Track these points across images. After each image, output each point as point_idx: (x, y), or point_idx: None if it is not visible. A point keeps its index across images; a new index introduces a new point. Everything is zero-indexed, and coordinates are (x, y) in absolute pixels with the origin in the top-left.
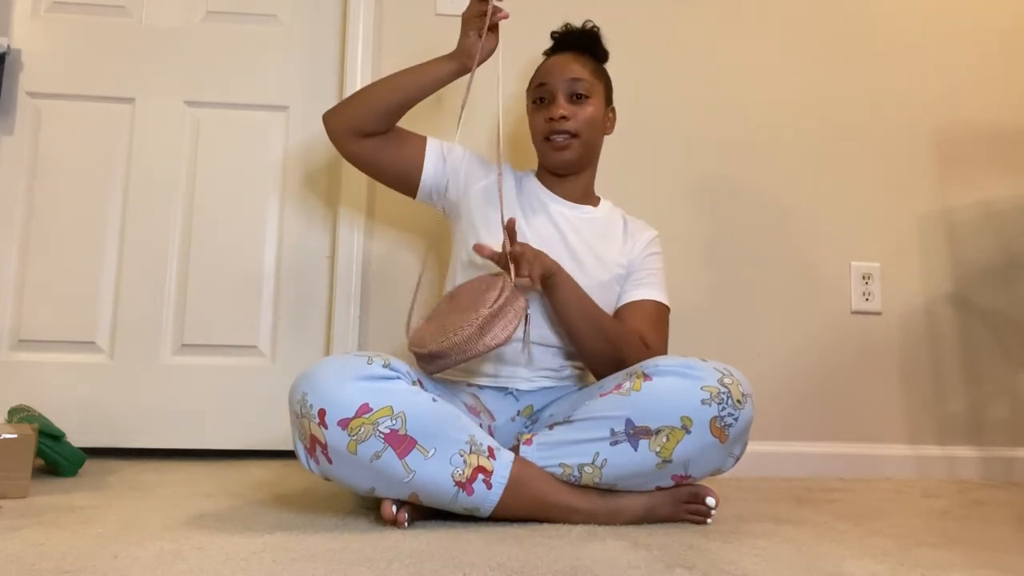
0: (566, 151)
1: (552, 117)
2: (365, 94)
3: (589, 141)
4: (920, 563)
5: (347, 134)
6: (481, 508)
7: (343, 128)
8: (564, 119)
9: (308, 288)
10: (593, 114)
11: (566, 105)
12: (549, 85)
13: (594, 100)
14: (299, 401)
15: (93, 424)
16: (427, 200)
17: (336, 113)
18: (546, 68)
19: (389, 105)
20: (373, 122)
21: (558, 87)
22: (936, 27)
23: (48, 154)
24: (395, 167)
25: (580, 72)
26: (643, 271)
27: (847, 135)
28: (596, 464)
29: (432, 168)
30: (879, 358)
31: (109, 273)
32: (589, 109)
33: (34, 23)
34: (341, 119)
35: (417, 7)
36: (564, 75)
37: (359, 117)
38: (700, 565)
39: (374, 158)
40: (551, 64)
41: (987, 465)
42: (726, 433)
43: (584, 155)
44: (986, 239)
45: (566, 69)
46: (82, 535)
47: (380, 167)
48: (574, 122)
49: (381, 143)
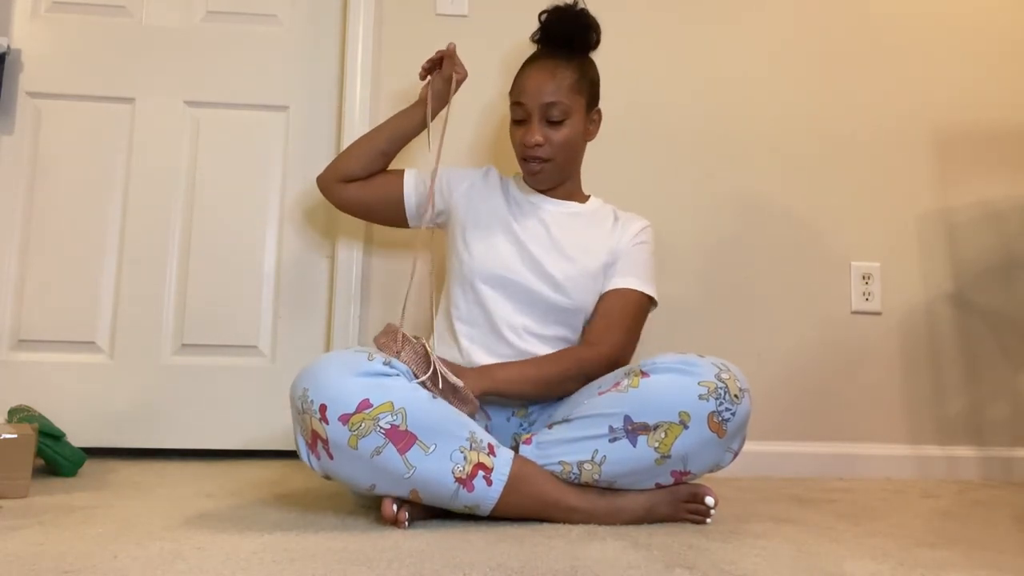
0: (540, 175)
1: (526, 144)
2: (349, 148)
3: (564, 162)
4: (920, 563)
5: (332, 182)
6: (481, 505)
7: (330, 178)
8: (538, 145)
9: (308, 288)
10: (568, 135)
11: (541, 129)
12: (526, 106)
13: (572, 120)
14: (300, 397)
15: (93, 424)
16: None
17: (326, 169)
18: (523, 85)
19: (370, 150)
20: (354, 165)
21: (533, 109)
22: (936, 27)
23: (48, 154)
24: (379, 200)
25: (556, 94)
26: (627, 259)
27: (847, 135)
28: (595, 461)
29: (414, 192)
30: (879, 358)
31: (109, 273)
32: (564, 132)
33: (34, 23)
34: (329, 172)
35: (417, 7)
36: (540, 97)
37: (342, 166)
38: (700, 565)
39: (359, 198)
40: (528, 81)
41: (987, 465)
42: (724, 428)
43: (560, 174)
44: (986, 239)
45: (543, 91)
46: (82, 535)
47: (367, 204)
48: (548, 147)
49: (363, 184)
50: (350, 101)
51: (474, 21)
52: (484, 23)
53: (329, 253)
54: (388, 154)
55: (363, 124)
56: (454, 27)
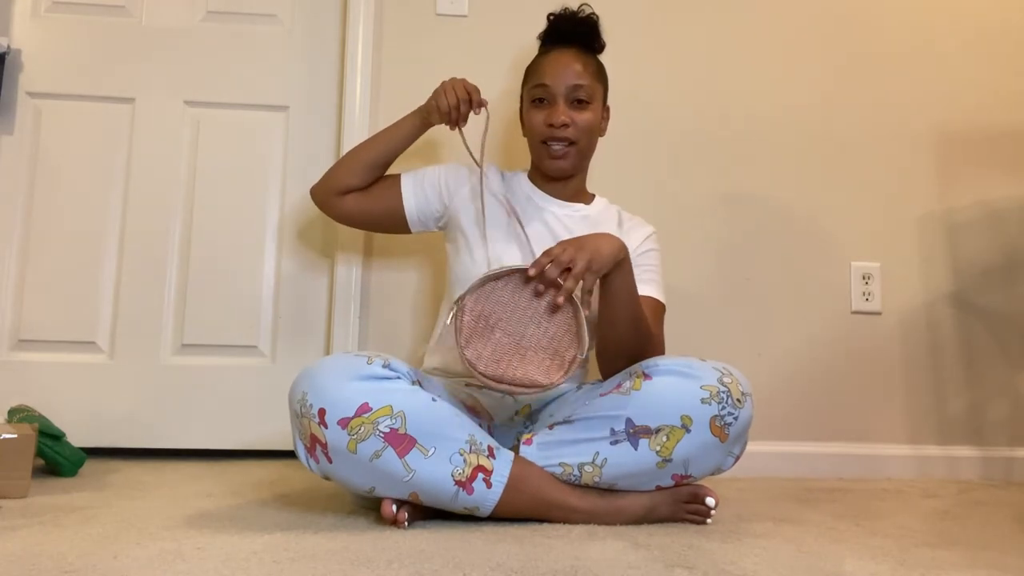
0: (563, 160)
1: (552, 123)
2: (343, 158)
3: (586, 148)
4: (920, 563)
5: (330, 195)
6: (481, 507)
7: (325, 191)
8: (565, 126)
9: (308, 288)
10: (592, 120)
11: (567, 111)
12: (551, 87)
13: (594, 105)
14: (299, 400)
15: (93, 424)
16: (425, 228)
17: (319, 182)
18: (547, 67)
19: (364, 162)
20: (350, 178)
21: (559, 90)
22: (936, 28)
23: (48, 154)
24: (379, 209)
25: (583, 76)
26: (640, 268)
27: (847, 135)
28: (596, 463)
29: (412, 197)
30: (879, 358)
31: (109, 273)
32: (588, 115)
33: (34, 23)
34: (323, 184)
35: (417, 7)
36: (567, 79)
37: (337, 177)
38: (700, 565)
39: (358, 208)
40: (552, 63)
41: (987, 465)
42: (726, 432)
43: (580, 161)
44: (986, 239)
45: (569, 72)
46: (82, 535)
47: (366, 214)
48: (574, 129)
49: (361, 194)
50: (350, 101)
51: (474, 21)
52: (484, 23)
53: (329, 252)
54: (384, 165)
55: (363, 124)
56: (454, 27)
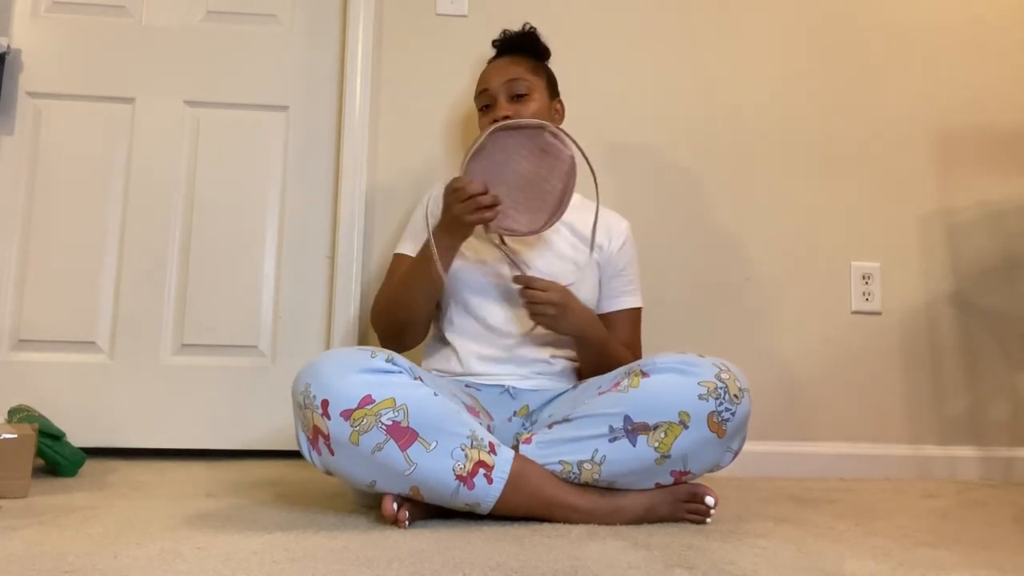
0: None
1: (496, 119)
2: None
3: None
4: (920, 563)
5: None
6: (482, 503)
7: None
8: (506, 118)
9: (308, 288)
10: (536, 110)
11: (508, 105)
12: (490, 90)
13: (536, 95)
14: (302, 392)
15: (93, 424)
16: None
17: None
18: (485, 74)
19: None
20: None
21: (498, 90)
22: (936, 28)
23: (48, 154)
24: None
25: (517, 71)
26: (623, 277)
27: (847, 135)
28: (595, 461)
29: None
30: (879, 358)
31: (109, 273)
32: (532, 106)
33: (34, 23)
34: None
35: (417, 7)
36: (502, 77)
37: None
38: (700, 565)
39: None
40: (489, 70)
41: (987, 465)
42: (724, 428)
43: None
44: (986, 239)
45: (503, 71)
46: (82, 535)
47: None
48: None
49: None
50: (350, 101)
51: (474, 21)
52: (484, 23)
53: (329, 253)
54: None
55: (363, 124)
56: (454, 27)
